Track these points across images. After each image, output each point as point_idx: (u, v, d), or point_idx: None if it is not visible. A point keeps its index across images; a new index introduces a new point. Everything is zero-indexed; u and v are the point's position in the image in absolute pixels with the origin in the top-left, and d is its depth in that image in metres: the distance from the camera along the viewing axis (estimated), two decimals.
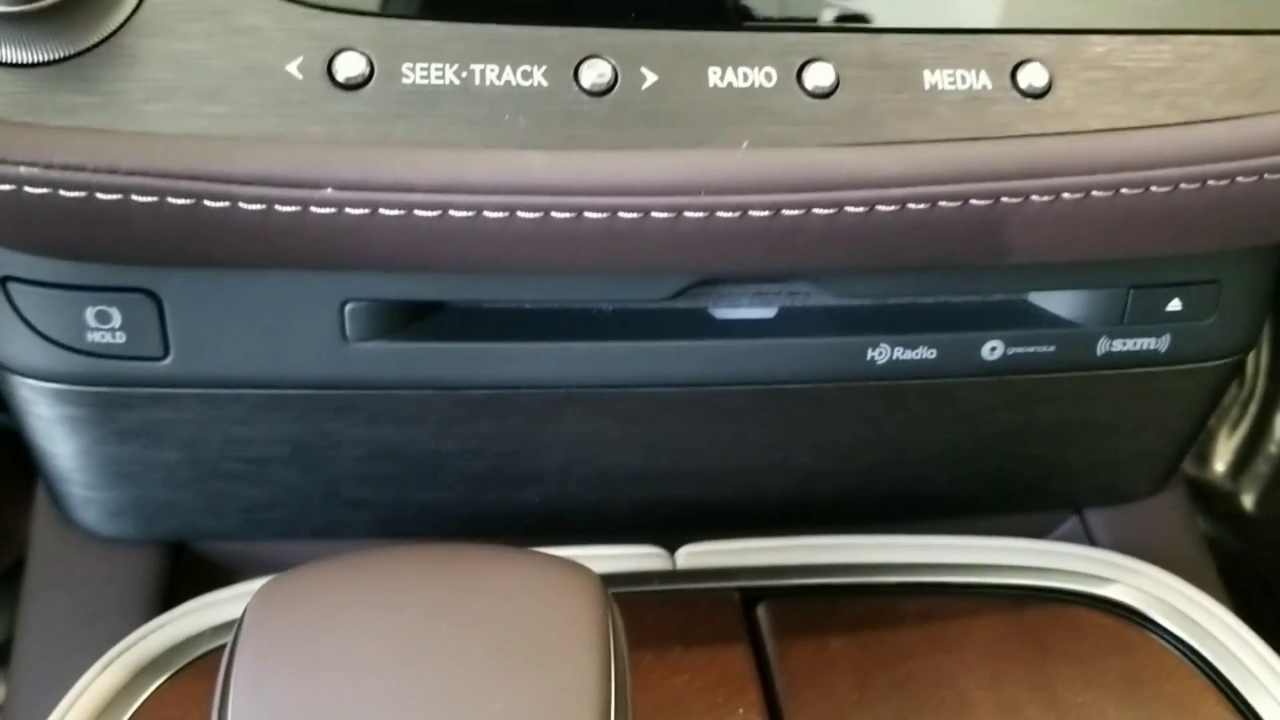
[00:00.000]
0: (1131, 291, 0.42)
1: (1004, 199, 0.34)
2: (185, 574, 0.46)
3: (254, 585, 0.41)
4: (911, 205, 0.33)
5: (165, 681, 0.38)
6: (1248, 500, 0.74)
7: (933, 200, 0.33)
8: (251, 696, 0.27)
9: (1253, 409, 0.74)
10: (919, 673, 0.40)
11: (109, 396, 0.40)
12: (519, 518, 0.46)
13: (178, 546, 0.47)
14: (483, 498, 0.45)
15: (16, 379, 0.40)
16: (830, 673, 0.40)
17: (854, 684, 0.40)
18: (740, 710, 0.39)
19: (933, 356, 0.42)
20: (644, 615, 0.41)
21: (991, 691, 0.40)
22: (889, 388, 0.43)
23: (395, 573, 0.31)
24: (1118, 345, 0.43)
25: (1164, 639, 0.42)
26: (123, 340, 0.39)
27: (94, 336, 0.38)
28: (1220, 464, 0.76)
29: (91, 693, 0.37)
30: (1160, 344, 0.43)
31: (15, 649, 0.45)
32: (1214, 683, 0.41)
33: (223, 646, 0.39)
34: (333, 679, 0.27)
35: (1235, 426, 0.76)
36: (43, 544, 0.47)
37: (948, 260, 0.37)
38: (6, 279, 0.38)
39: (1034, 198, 0.34)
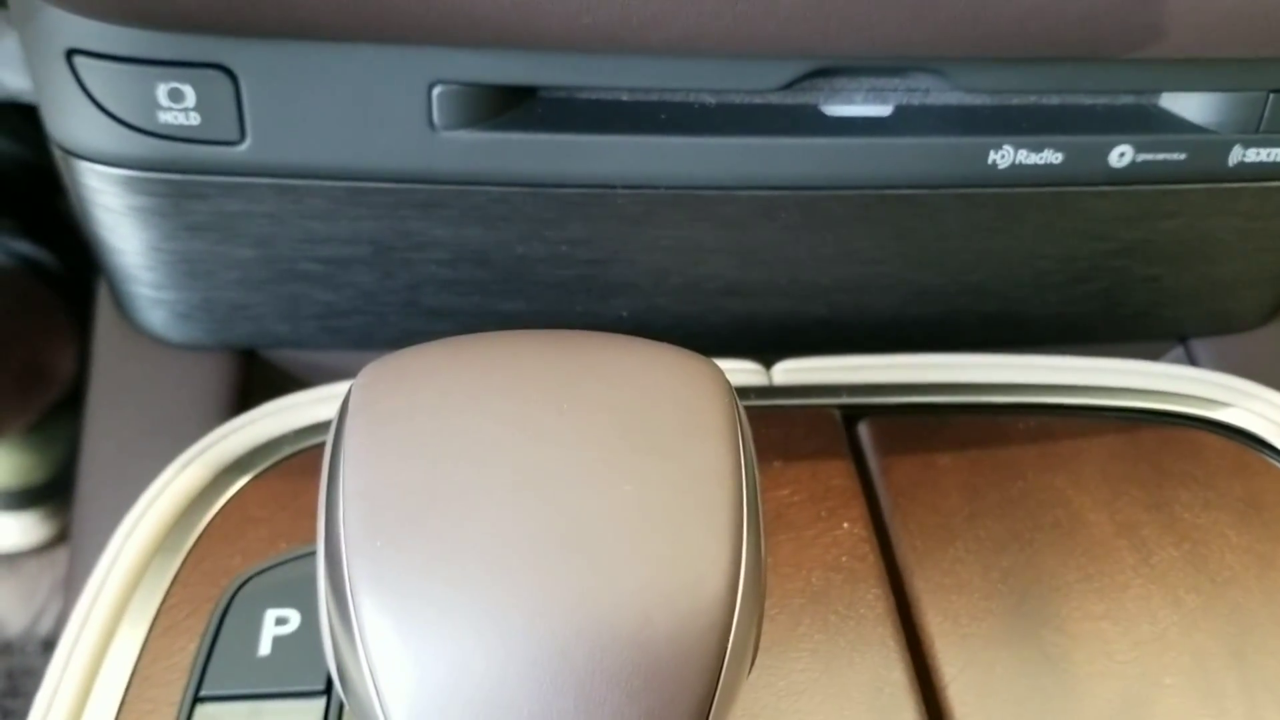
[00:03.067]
0: (1271, 96, 0.39)
1: None
2: (256, 383, 0.45)
3: (338, 388, 0.40)
4: None
5: (249, 481, 0.37)
6: None
7: None
8: (366, 472, 0.25)
9: None
10: (1031, 491, 0.38)
11: (181, 185, 0.38)
12: (607, 331, 0.44)
13: (248, 355, 0.45)
14: (569, 309, 0.43)
15: (83, 165, 0.38)
16: (937, 489, 0.38)
17: (963, 500, 0.38)
18: (845, 524, 0.37)
19: (1058, 161, 0.39)
20: None
21: (1107, 511, 0.38)
22: (1009, 196, 0.40)
23: (509, 353, 0.29)
24: (1251, 155, 0.40)
25: None
26: (197, 122, 0.36)
27: (166, 117, 0.36)
28: None
29: (172, 490, 0.36)
30: None
31: (81, 459, 0.43)
32: None
33: (307, 449, 0.38)
34: (451, 455, 0.26)
35: None
36: (106, 351, 0.45)
37: (1097, 46, 0.34)
38: (73, 52, 0.35)
39: None
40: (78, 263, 0.77)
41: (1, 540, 0.88)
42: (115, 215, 0.39)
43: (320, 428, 0.38)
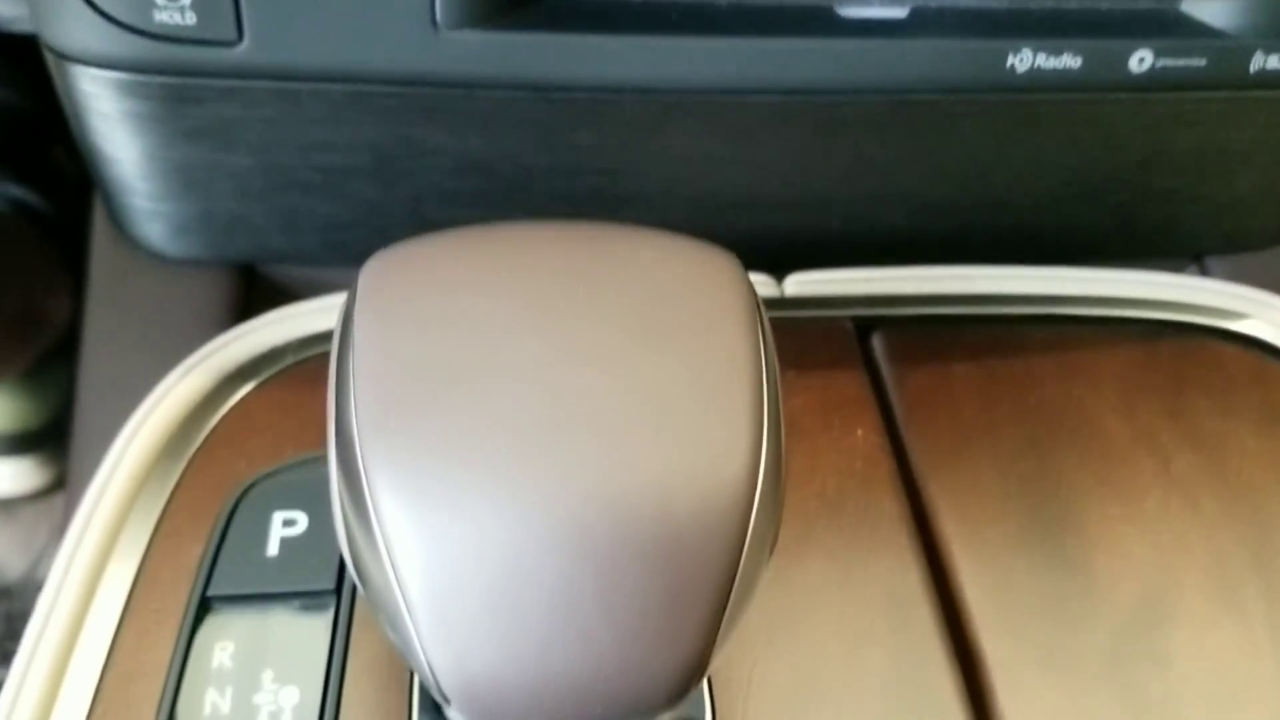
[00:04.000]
0: None
1: None
2: (256, 300, 0.44)
3: (342, 298, 0.39)
4: None
5: (252, 389, 0.36)
6: None
7: None
8: (377, 353, 0.25)
9: None
10: (1049, 400, 0.38)
11: (178, 89, 0.37)
12: None
13: (248, 271, 0.44)
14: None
15: (77, 69, 0.37)
16: (953, 398, 0.38)
17: (979, 409, 0.37)
18: (859, 431, 0.37)
19: (1077, 66, 0.38)
20: None
21: (1126, 419, 0.37)
22: (1026, 103, 0.39)
23: (521, 241, 0.28)
24: (1272, 62, 0.39)
25: None
26: (193, 21, 0.35)
27: (162, 16, 0.35)
28: None
29: (174, 397, 0.35)
30: None
31: (78, 376, 0.43)
32: None
33: (311, 358, 0.37)
34: (465, 337, 0.25)
35: None
36: (103, 268, 0.44)
37: None
38: None
39: None
40: (70, 207, 0.76)
41: None
42: (110, 122, 0.38)
43: (324, 337, 0.37)
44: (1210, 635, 0.32)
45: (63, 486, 0.89)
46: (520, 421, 0.23)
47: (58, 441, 0.87)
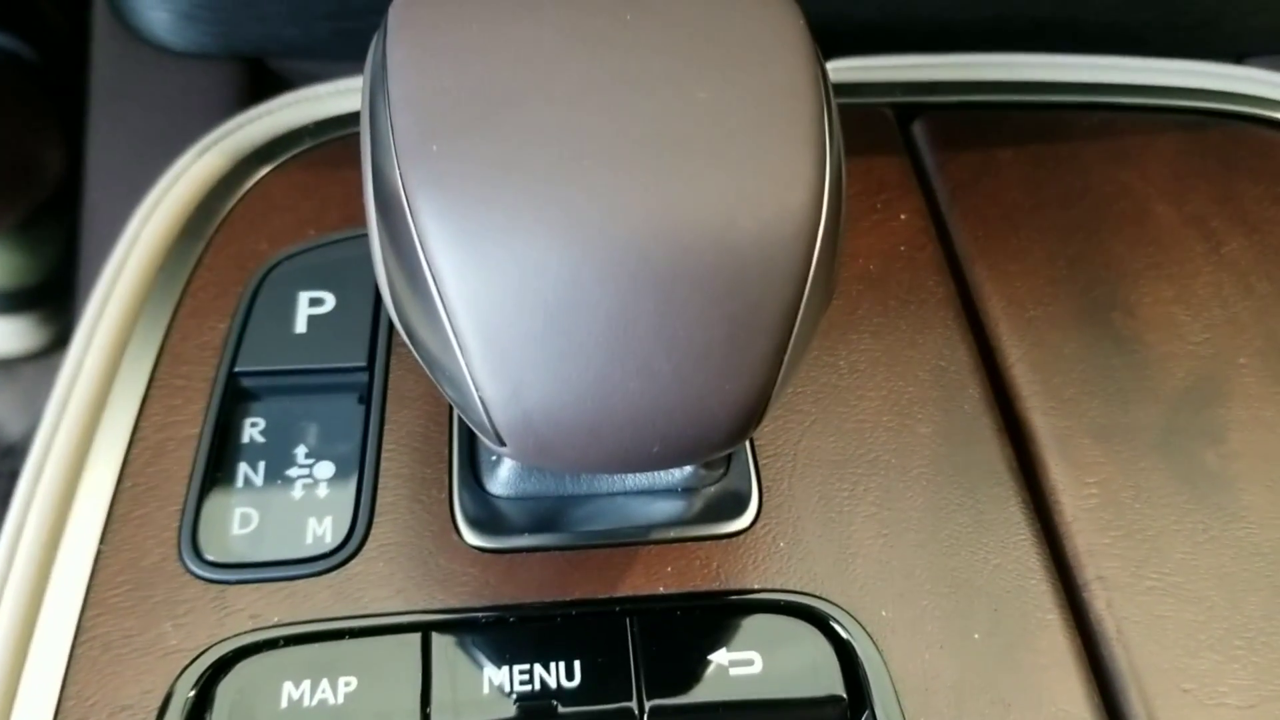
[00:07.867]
0: None
1: None
2: (266, 95, 0.42)
3: (358, 81, 0.37)
4: None
5: (270, 171, 0.34)
6: None
7: None
8: (415, 78, 0.23)
9: None
10: (1096, 185, 0.36)
11: None
12: None
13: (256, 65, 0.42)
14: None
15: None
16: (997, 182, 0.36)
17: (1025, 193, 0.36)
18: (902, 216, 0.35)
19: None
20: None
21: (1174, 204, 0.36)
22: None
23: None
24: None
25: None
26: None
27: None
28: None
29: (190, 176, 0.33)
30: None
31: (85, 173, 0.41)
32: None
33: (329, 141, 0.36)
34: (509, 61, 0.23)
35: None
36: (106, 60, 0.42)
37: None
38: None
39: None
40: (60, 60, 0.74)
41: None
42: None
43: (342, 120, 0.36)
44: (1266, 410, 0.32)
45: (63, 347, 0.88)
46: (572, 145, 0.22)
47: (57, 300, 0.85)
